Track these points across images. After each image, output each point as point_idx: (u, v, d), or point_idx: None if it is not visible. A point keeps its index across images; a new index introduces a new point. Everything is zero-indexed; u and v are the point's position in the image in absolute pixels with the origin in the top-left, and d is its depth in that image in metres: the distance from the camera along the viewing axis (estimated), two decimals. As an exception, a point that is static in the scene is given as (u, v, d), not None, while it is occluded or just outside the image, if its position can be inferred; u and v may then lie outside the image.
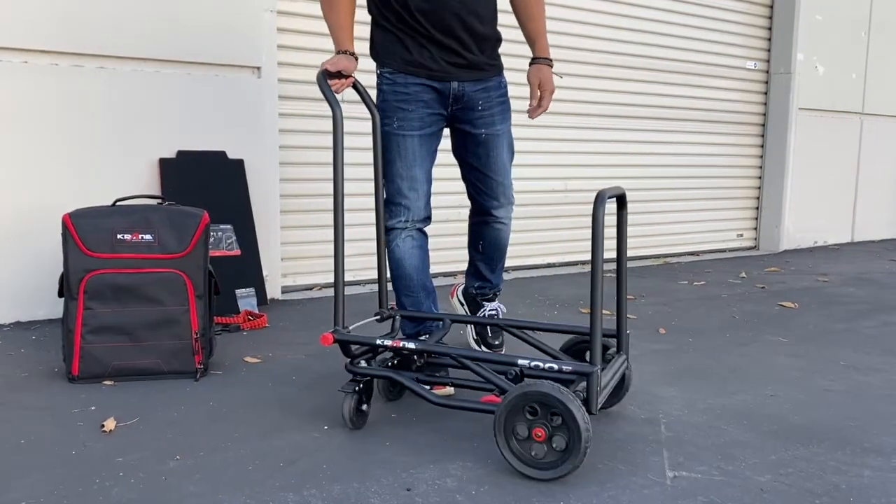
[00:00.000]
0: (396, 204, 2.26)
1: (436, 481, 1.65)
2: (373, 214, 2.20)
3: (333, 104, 1.92)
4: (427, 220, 2.34)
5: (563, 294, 3.82)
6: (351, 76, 2.14)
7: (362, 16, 2.34)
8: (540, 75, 2.34)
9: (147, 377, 2.29)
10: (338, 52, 2.16)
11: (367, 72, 3.53)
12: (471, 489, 1.61)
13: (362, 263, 3.82)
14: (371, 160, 2.19)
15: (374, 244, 2.21)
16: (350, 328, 1.97)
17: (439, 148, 2.37)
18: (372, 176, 2.21)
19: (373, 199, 2.25)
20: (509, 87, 2.44)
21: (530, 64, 2.37)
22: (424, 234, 2.36)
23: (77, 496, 1.55)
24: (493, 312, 2.64)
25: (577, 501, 1.56)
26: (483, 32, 2.28)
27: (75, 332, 2.24)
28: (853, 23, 6.00)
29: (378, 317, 2.19)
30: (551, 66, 2.36)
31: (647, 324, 3.19)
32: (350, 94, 2.58)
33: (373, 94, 2.29)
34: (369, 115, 2.21)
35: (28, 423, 1.94)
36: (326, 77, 2.05)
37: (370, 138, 2.21)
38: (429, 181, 2.32)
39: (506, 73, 2.42)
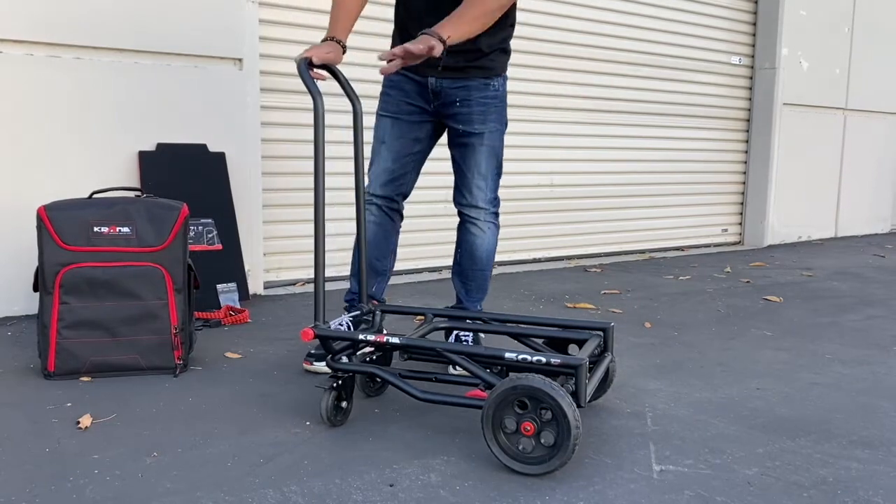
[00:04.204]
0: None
1: (419, 476, 1.62)
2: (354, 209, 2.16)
3: (315, 93, 1.88)
4: (388, 199, 2.43)
5: (549, 289, 3.80)
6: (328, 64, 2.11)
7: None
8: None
9: (125, 373, 2.24)
10: (325, 40, 2.16)
11: (352, 64, 3.51)
12: (454, 484, 1.58)
13: (344, 258, 3.76)
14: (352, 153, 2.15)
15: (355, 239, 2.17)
16: (331, 323, 1.93)
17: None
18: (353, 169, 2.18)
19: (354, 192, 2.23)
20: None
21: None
22: (385, 212, 2.44)
23: (49, 494, 1.51)
24: (465, 339, 2.41)
25: (563, 496, 1.54)
26: (452, 48, 2.19)
27: (51, 328, 2.18)
28: (837, 18, 6.02)
29: (359, 311, 2.15)
30: (441, 42, 2.00)
31: (632, 318, 3.18)
32: (335, 87, 2.54)
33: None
34: (351, 109, 2.17)
35: (0, 420, 1.89)
36: (308, 65, 2.00)
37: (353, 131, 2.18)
38: (396, 161, 2.41)
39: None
